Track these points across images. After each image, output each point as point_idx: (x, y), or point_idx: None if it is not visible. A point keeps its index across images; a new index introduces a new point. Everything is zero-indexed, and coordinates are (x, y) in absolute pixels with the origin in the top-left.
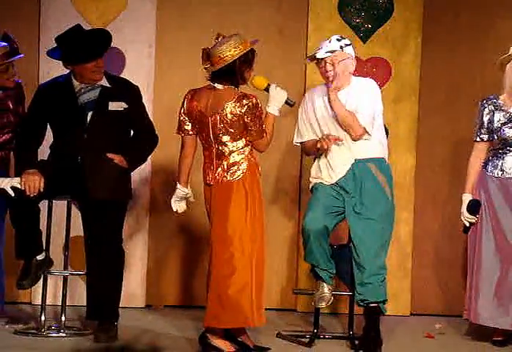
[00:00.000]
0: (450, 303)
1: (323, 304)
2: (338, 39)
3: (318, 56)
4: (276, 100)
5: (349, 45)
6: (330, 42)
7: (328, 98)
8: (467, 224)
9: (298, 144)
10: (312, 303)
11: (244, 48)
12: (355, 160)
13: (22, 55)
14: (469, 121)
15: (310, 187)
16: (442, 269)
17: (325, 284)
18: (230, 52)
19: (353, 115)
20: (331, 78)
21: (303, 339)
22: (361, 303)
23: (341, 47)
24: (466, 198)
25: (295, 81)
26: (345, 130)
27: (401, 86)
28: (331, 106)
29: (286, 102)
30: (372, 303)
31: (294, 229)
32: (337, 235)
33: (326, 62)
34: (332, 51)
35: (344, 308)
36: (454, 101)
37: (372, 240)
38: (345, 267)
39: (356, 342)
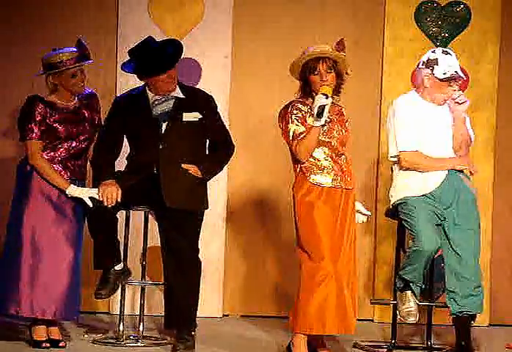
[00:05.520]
0: None
1: (413, 320)
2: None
3: (462, 75)
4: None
5: None
6: (453, 58)
7: (457, 118)
8: None
9: (395, 157)
10: (399, 318)
11: None
12: (448, 170)
13: (91, 61)
14: None
15: (396, 200)
16: None
17: (412, 298)
18: None
19: (470, 136)
20: (456, 97)
21: (380, 350)
22: (460, 314)
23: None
24: None
25: (371, 90)
26: (458, 148)
27: (479, 94)
28: (460, 123)
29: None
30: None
31: (371, 238)
32: None
33: (452, 82)
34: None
35: (422, 317)
36: None
37: (475, 251)
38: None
39: None
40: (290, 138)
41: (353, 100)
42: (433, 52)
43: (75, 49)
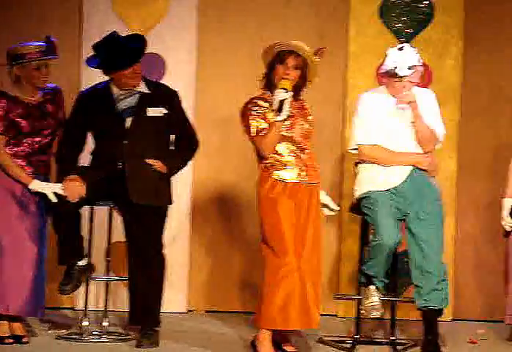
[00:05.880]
0: (492, 309)
1: (377, 314)
2: (413, 51)
3: (402, 73)
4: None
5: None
6: (409, 55)
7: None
8: (508, 229)
9: (355, 150)
10: (362, 313)
11: None
12: (412, 166)
13: (56, 56)
14: (510, 125)
15: (360, 194)
16: (484, 274)
17: (376, 293)
18: None
19: (432, 130)
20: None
21: (344, 345)
22: (425, 309)
23: (418, 60)
24: (507, 202)
25: (336, 85)
26: (421, 144)
27: (442, 90)
28: (414, 122)
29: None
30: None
31: (336, 234)
32: None
33: (403, 78)
34: (413, 66)
35: (386, 312)
36: (496, 105)
37: (438, 246)
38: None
39: (399, 347)
40: (253, 134)
41: (318, 95)
42: (391, 47)
43: (43, 43)
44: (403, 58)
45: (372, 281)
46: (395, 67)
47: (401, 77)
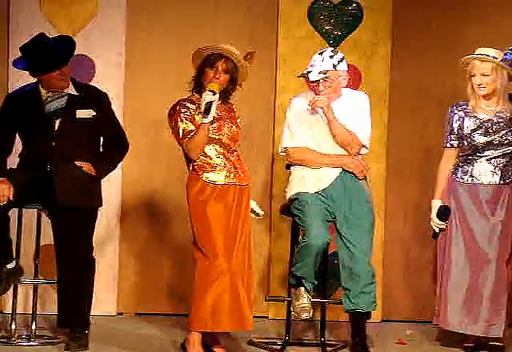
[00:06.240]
0: (421, 309)
1: (307, 316)
2: (331, 56)
3: (312, 78)
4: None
5: (342, 60)
6: (323, 60)
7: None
8: (437, 230)
9: (283, 152)
10: (293, 314)
11: None
12: (342, 169)
13: None
14: (438, 127)
15: (290, 196)
16: (412, 275)
17: (306, 294)
18: None
19: (352, 133)
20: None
21: (275, 346)
22: (352, 312)
23: (334, 65)
24: (436, 204)
25: (266, 87)
26: (342, 147)
27: (371, 92)
28: (329, 126)
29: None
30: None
31: (266, 235)
32: None
33: (318, 83)
34: (325, 72)
35: (316, 314)
36: (424, 107)
37: (367, 249)
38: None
39: (328, 348)
40: (180, 136)
41: (248, 97)
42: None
43: None
44: (317, 62)
45: (302, 282)
46: (308, 72)
47: (313, 81)
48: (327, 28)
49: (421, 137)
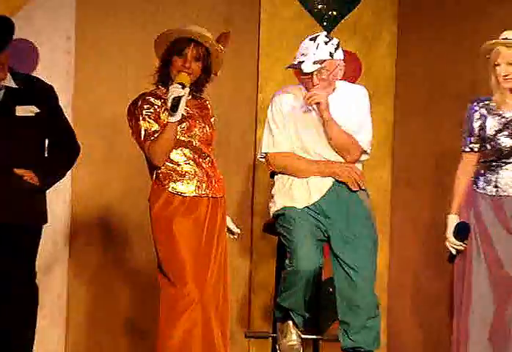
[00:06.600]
0: (434, 348)
1: None
2: (326, 42)
3: (306, 70)
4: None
5: (338, 46)
6: (317, 48)
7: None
8: (453, 252)
9: (263, 158)
10: None
11: None
12: (335, 179)
13: None
14: (454, 127)
15: (274, 211)
16: (424, 306)
17: (294, 330)
18: None
19: (351, 137)
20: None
21: None
22: (352, 351)
23: (331, 54)
24: (452, 220)
25: (247, 76)
26: (338, 153)
27: (373, 84)
28: (324, 127)
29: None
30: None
31: (246, 258)
32: None
33: (313, 75)
34: (321, 62)
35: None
36: (437, 103)
37: (369, 274)
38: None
39: None
40: (142, 138)
41: (225, 90)
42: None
43: None
44: (310, 51)
45: (290, 315)
46: (300, 62)
47: (306, 73)
48: (320, 7)
49: (433, 139)
